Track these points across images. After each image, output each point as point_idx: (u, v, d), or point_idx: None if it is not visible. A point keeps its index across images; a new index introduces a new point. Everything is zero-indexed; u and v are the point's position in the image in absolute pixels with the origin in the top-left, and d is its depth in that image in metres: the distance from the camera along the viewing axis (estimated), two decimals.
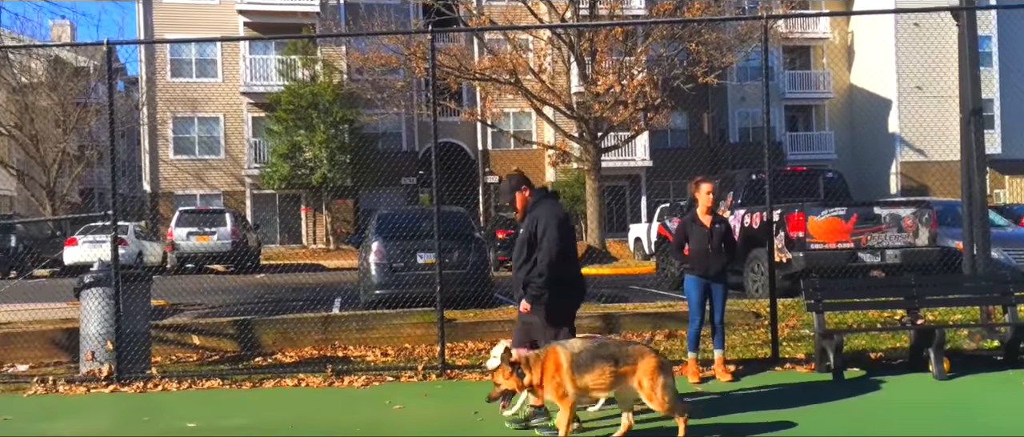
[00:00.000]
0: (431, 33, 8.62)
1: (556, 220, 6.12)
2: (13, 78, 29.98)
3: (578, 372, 5.54)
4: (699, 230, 7.83)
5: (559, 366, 5.55)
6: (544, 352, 5.69)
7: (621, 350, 5.69)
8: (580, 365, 5.55)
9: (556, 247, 6.02)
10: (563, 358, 5.56)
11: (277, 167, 31.83)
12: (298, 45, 31.97)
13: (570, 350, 5.62)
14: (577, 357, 5.58)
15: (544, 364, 5.61)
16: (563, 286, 6.14)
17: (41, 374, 8.77)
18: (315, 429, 6.63)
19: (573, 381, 5.54)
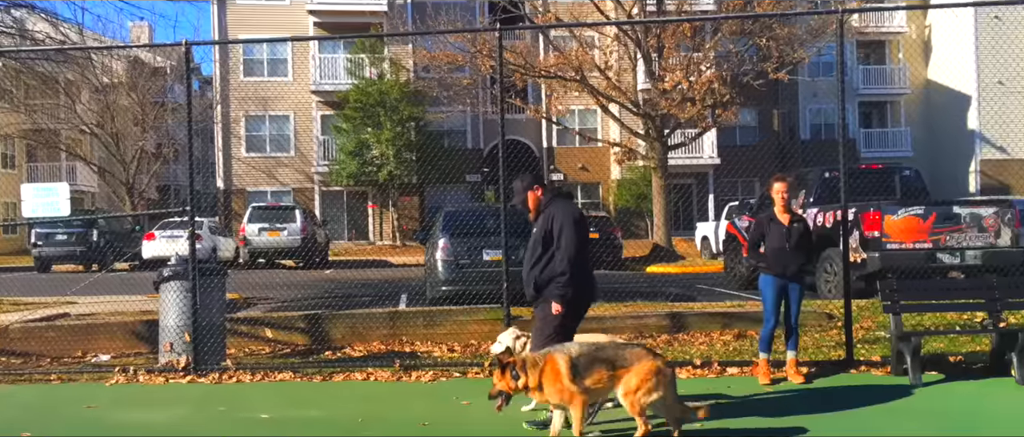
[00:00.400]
0: (499, 31, 8.65)
1: (572, 219, 6.11)
2: (96, 78, 31.07)
3: (577, 376, 5.51)
4: (776, 229, 7.66)
5: (558, 373, 5.51)
6: (542, 358, 5.62)
7: (619, 353, 5.63)
8: (579, 368, 5.52)
9: (574, 246, 6.02)
10: (561, 364, 5.51)
11: (345, 164, 32.34)
12: (366, 44, 32.43)
13: (568, 355, 5.57)
14: (575, 361, 5.54)
15: (542, 370, 5.57)
16: (577, 285, 6.08)
17: (122, 364, 9.08)
18: (385, 423, 6.71)
19: (571, 384, 5.51)
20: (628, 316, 10.49)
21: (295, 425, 6.74)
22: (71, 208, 9.50)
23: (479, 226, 12.08)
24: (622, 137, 29.94)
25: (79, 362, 9.59)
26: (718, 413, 6.66)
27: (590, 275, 6.33)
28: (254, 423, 6.77)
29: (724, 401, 7.06)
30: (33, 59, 16.64)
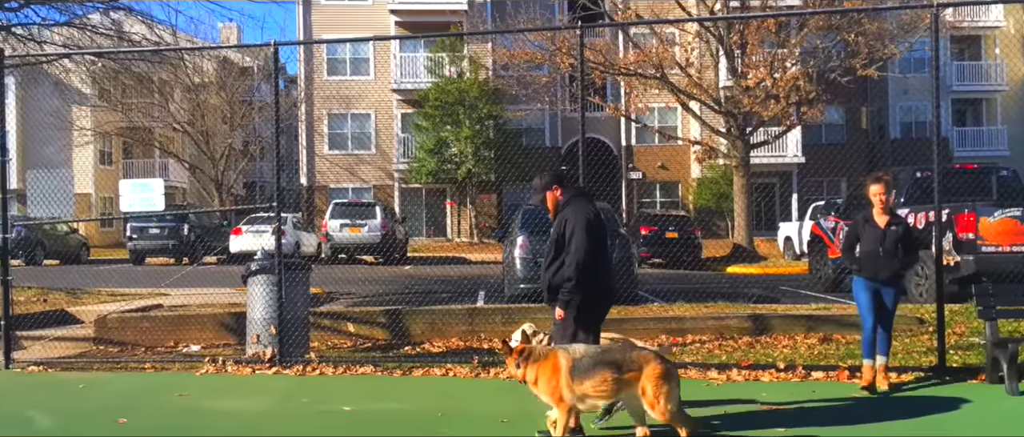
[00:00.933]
0: (580, 29, 8.61)
1: (584, 221, 5.86)
2: (188, 78, 32.20)
3: (577, 378, 5.37)
4: (872, 230, 7.37)
5: (557, 370, 5.42)
6: (547, 353, 5.56)
7: (626, 356, 5.45)
8: (580, 371, 5.38)
9: (583, 251, 5.79)
10: (562, 362, 5.41)
11: (424, 162, 32.74)
12: (446, 43, 32.75)
13: (572, 355, 5.45)
14: (578, 362, 5.41)
15: (541, 365, 5.50)
16: (592, 289, 5.90)
17: (212, 355, 9.39)
18: (463, 418, 6.77)
19: (570, 387, 5.39)
20: (709, 317, 10.33)
21: (376, 418, 6.85)
22: (164, 203, 9.87)
23: None
24: (703, 135, 29.49)
25: (171, 352, 9.97)
26: (804, 419, 6.51)
27: (605, 278, 6.09)
28: (336, 415, 6.91)
29: (811, 405, 6.90)
30: (130, 60, 17.35)
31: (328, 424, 6.66)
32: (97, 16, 16.71)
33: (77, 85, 23.24)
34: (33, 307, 11.82)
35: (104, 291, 14.35)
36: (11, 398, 7.84)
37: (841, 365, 8.11)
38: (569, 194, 6.12)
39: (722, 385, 7.74)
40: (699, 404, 6.96)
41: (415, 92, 33.22)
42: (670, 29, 27.01)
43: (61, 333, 10.68)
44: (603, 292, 6.07)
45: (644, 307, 11.58)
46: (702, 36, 26.21)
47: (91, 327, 10.75)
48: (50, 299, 12.83)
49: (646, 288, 14.58)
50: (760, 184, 32.21)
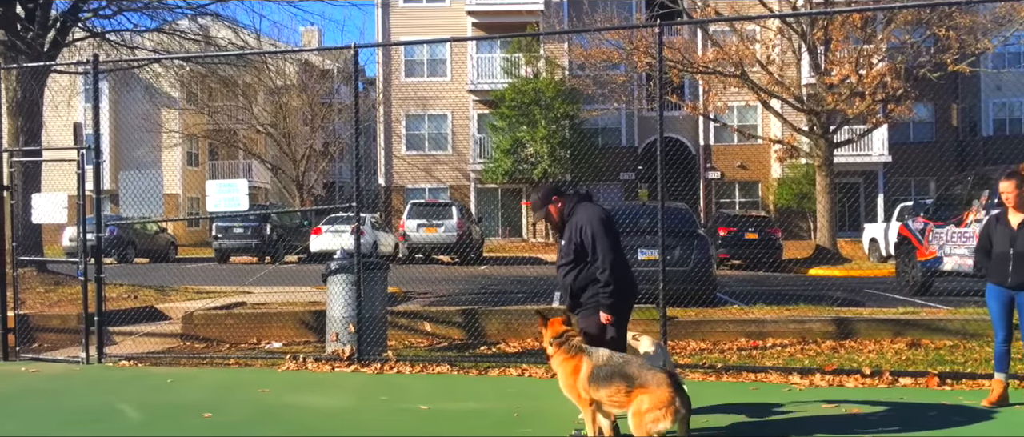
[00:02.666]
0: (659, 27, 8.47)
1: (601, 223, 5.85)
2: (270, 81, 33.04)
3: (593, 384, 5.35)
4: (1003, 231, 6.74)
5: (576, 372, 5.45)
6: (575, 352, 5.53)
7: (641, 373, 5.28)
8: (597, 378, 5.35)
9: (611, 250, 5.79)
10: (584, 367, 5.42)
11: (500, 162, 32.83)
12: (522, 43, 32.79)
13: (594, 362, 5.41)
14: (597, 370, 5.37)
15: (566, 360, 5.53)
16: (619, 290, 5.84)
17: (293, 352, 9.58)
18: (540, 419, 6.73)
19: (586, 390, 5.39)
20: (790, 320, 10.06)
21: (452, 418, 6.87)
22: (248, 203, 10.11)
23: (634, 225, 11.91)
24: (784, 134, 28.78)
25: (254, 348, 10.21)
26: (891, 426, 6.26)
27: (629, 275, 6.04)
28: (414, 414, 6.96)
29: (898, 412, 6.63)
30: (217, 63, 17.88)
31: (405, 422, 6.71)
32: (185, 22, 17.28)
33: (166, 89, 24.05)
34: (124, 303, 12.27)
35: (191, 288, 14.80)
36: (103, 391, 8.13)
37: (930, 371, 7.79)
38: (572, 202, 6.13)
39: (804, 390, 7.51)
40: (780, 409, 6.78)
41: (491, 93, 33.35)
42: (751, 26, 26.43)
43: (150, 329, 11.07)
44: (628, 288, 6.03)
45: (723, 309, 11.36)
46: (784, 32, 25.57)
47: (178, 323, 11.10)
48: (140, 296, 13.30)
49: (725, 290, 14.30)
50: (844, 184, 31.29)
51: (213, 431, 6.51)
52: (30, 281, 12.81)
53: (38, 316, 11.06)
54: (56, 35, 14.48)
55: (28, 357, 9.93)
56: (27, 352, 10.08)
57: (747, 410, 6.83)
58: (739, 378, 8.06)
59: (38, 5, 14.14)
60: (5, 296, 9.98)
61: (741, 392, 7.50)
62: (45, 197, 10.39)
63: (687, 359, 8.87)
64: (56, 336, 10.71)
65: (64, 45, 14.84)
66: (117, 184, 10.45)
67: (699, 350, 9.39)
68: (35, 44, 13.83)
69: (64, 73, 15.96)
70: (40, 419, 6.99)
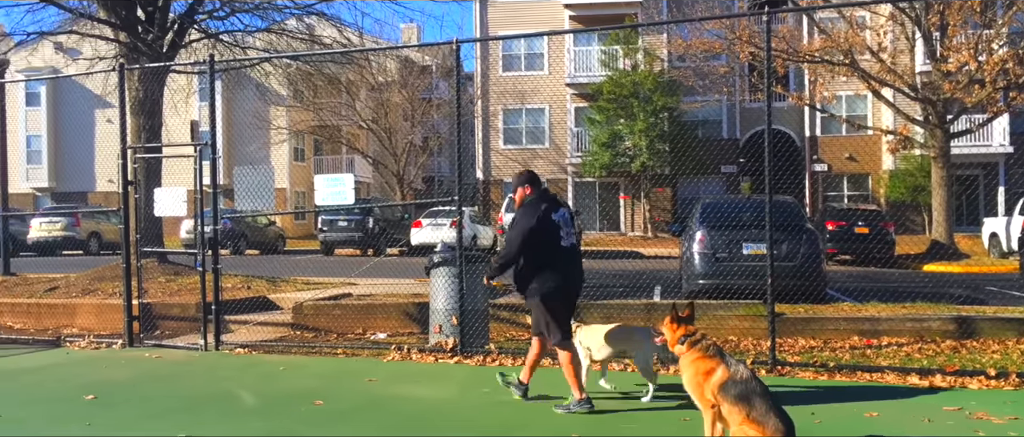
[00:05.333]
0: (767, 14, 8.23)
1: (515, 225, 6.74)
2: (372, 77, 33.75)
3: (722, 393, 5.14)
4: None
5: (709, 374, 5.25)
6: (711, 354, 5.33)
7: (767, 413, 5.02)
8: (727, 390, 5.13)
9: (515, 243, 6.67)
10: (719, 372, 5.21)
11: (598, 155, 32.63)
12: (620, 35, 32.49)
13: (731, 374, 5.18)
14: (731, 384, 5.14)
15: (698, 360, 5.34)
16: (549, 281, 6.66)
17: (397, 343, 9.78)
18: (645, 415, 6.65)
19: (714, 396, 5.18)
20: (907, 318, 9.64)
21: (552, 413, 6.85)
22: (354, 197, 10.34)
23: (739, 218, 11.65)
24: (896, 124, 27.61)
25: (360, 338, 10.46)
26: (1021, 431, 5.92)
27: (561, 273, 6.73)
28: (516, 406, 6.98)
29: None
30: (322, 61, 18.35)
31: (508, 415, 6.74)
32: (293, 21, 17.81)
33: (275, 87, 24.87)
34: (238, 293, 12.75)
35: (299, 280, 15.26)
36: (221, 378, 8.48)
37: None
38: (533, 196, 6.85)
39: (924, 391, 7.18)
40: (897, 410, 6.51)
41: (589, 86, 33.20)
42: (860, 12, 25.43)
43: (263, 318, 11.47)
44: (561, 283, 6.74)
45: (834, 306, 10.98)
46: (896, 18, 24.49)
47: (289, 313, 11.47)
48: (253, 286, 13.79)
49: (834, 286, 13.83)
50: (962, 176, 29.76)
51: (324, 419, 6.69)
52: (152, 271, 13.44)
53: (159, 305, 11.61)
54: (174, 37, 15.13)
55: (151, 343, 10.45)
56: (150, 339, 10.61)
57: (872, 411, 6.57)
58: (853, 378, 7.77)
59: (157, 8, 14.81)
60: (130, 285, 10.51)
61: (856, 393, 7.23)
62: (166, 191, 10.89)
63: (796, 357, 8.62)
64: (176, 324, 11.22)
65: (181, 46, 15.50)
66: (231, 179, 10.87)
67: (809, 348, 9.11)
68: (155, 46, 14.48)
69: (182, 73, 16.68)
70: (164, 403, 7.33)
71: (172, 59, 15.02)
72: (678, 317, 5.63)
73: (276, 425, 6.54)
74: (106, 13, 14.58)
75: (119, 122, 10.88)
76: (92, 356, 9.95)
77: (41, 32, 16.28)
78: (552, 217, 6.74)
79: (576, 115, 35.35)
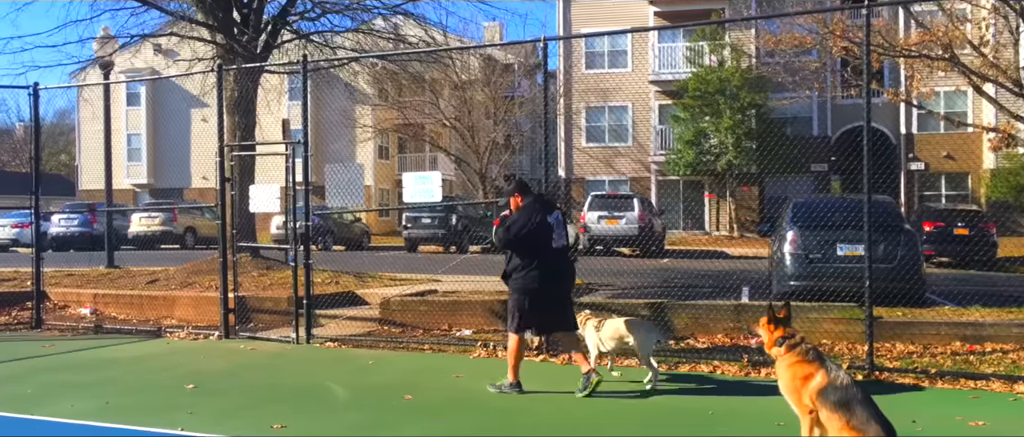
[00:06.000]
0: (866, 8, 7.95)
1: (508, 223, 7.31)
2: (456, 76, 34.07)
3: (821, 398, 4.94)
4: None
5: (808, 379, 5.03)
6: (811, 358, 5.12)
7: (868, 421, 4.85)
8: (827, 396, 4.93)
9: (510, 232, 7.24)
10: (818, 377, 5.00)
11: (682, 154, 32.19)
12: (706, 31, 31.95)
13: (831, 379, 4.97)
14: (831, 389, 4.93)
15: (796, 364, 5.12)
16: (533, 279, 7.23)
17: (483, 339, 9.85)
18: (736, 417, 6.53)
19: (812, 402, 4.99)
20: (1013, 324, 9.19)
21: (643, 412, 6.80)
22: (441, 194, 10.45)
23: (833, 219, 11.30)
24: (999, 121, 26.37)
25: (445, 335, 10.56)
26: None
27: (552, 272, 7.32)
28: (605, 406, 6.94)
29: None
30: (408, 60, 18.62)
31: (595, 414, 6.70)
32: (379, 21, 18.11)
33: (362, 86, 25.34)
34: (327, 288, 13.03)
35: (385, 276, 15.52)
36: (313, 370, 8.68)
37: None
38: (528, 200, 7.44)
39: None
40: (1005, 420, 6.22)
41: (673, 83, 32.77)
42: (961, 4, 24.38)
43: (351, 313, 11.70)
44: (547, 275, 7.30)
45: (933, 310, 10.56)
46: (999, 11, 23.38)
47: (376, 308, 11.67)
48: (341, 282, 14.08)
49: (933, 289, 13.29)
50: None
51: (416, 413, 6.78)
52: (246, 266, 13.86)
53: (253, 298, 11.96)
54: (267, 38, 15.58)
55: (245, 335, 10.79)
56: (244, 331, 10.95)
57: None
58: (955, 385, 7.47)
59: (252, 11, 15.27)
60: (227, 279, 10.86)
61: (959, 401, 6.93)
62: (261, 188, 11.22)
63: (895, 362, 8.32)
64: (269, 317, 11.54)
65: (274, 47, 15.94)
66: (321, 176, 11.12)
67: (907, 353, 8.78)
68: (249, 47, 14.93)
69: (275, 73, 17.14)
70: (261, 393, 7.55)
71: (265, 59, 15.46)
72: (775, 318, 5.46)
73: (369, 418, 6.66)
74: (204, 16, 15.10)
75: (217, 121, 11.26)
76: (191, 346, 10.32)
77: (143, 34, 16.98)
78: (547, 219, 7.34)
79: (660, 112, 34.94)
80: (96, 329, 11.70)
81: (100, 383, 8.06)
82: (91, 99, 21.74)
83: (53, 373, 8.58)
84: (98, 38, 16.63)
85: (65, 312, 13.03)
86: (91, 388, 7.81)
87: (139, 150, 47.92)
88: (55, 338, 11.07)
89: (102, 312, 12.86)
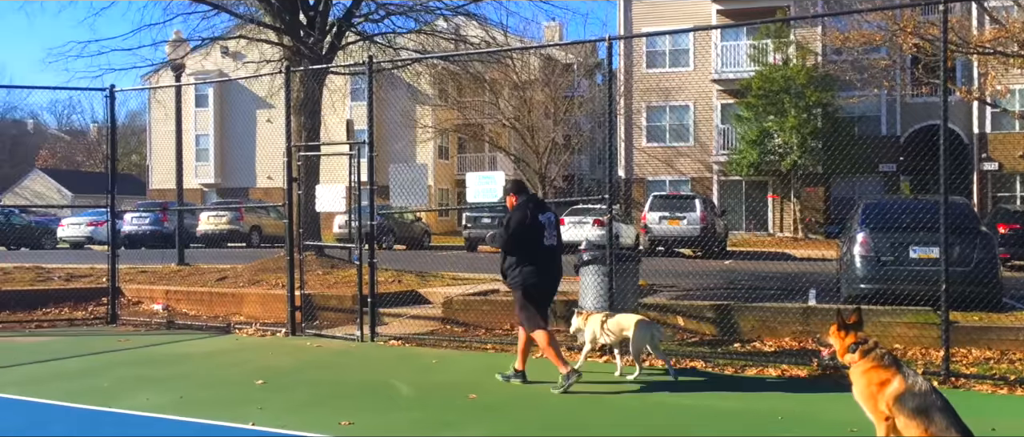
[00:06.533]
0: (944, 2, 7.72)
1: (513, 223, 7.61)
2: (516, 76, 34.11)
3: (896, 404, 4.78)
4: None
5: (884, 385, 4.88)
6: (888, 364, 4.96)
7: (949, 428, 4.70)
8: (905, 403, 4.77)
9: (506, 237, 7.63)
10: (895, 383, 4.84)
11: (745, 153, 31.67)
12: (771, 29, 31.40)
13: (909, 385, 4.82)
14: (909, 395, 4.78)
15: (871, 370, 4.96)
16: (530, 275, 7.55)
17: None
18: (806, 423, 6.40)
19: (889, 408, 4.84)
20: None
21: (711, 415, 6.71)
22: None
23: (905, 220, 10.98)
24: None
25: (508, 334, 10.56)
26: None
27: (541, 267, 7.60)
28: (670, 407, 6.88)
29: None
30: (469, 61, 18.71)
31: (663, 417, 6.64)
32: (441, 22, 18.25)
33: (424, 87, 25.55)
34: (390, 287, 13.17)
35: (447, 275, 15.61)
36: (378, 368, 8.79)
37: None
38: (522, 200, 7.80)
39: None
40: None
41: (737, 82, 32.28)
42: None
43: (415, 312, 11.80)
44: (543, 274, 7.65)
45: (1011, 315, 10.18)
46: None
47: (439, 308, 11.75)
48: (403, 281, 14.21)
49: (1012, 294, 12.84)
50: None
51: (480, 411, 6.81)
52: (311, 264, 14.09)
53: (318, 296, 12.15)
54: (332, 39, 15.82)
55: (311, 332, 10.97)
56: (310, 328, 11.13)
57: None
58: None
59: (318, 13, 15.52)
60: (293, 277, 11.06)
61: None
62: (327, 188, 11.39)
63: (971, 368, 8.07)
64: (334, 315, 11.71)
65: (339, 48, 16.18)
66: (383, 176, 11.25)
67: (984, 359, 8.51)
68: (315, 49, 15.19)
69: (341, 74, 17.40)
70: (328, 389, 7.67)
71: (330, 61, 15.69)
72: (846, 324, 5.33)
73: (434, 416, 6.70)
74: (271, 18, 15.40)
75: (284, 122, 11.48)
76: (259, 343, 10.54)
77: (213, 37, 17.40)
78: (539, 218, 7.65)
79: (722, 112, 34.46)
80: (168, 325, 12.02)
81: (174, 378, 8.28)
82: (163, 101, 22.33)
83: (129, 367, 8.84)
84: (170, 41, 17.10)
85: (139, 308, 13.42)
86: (165, 382, 8.03)
87: (207, 150, 49.14)
88: (130, 333, 11.42)
89: (174, 308, 13.22)
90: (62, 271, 16.09)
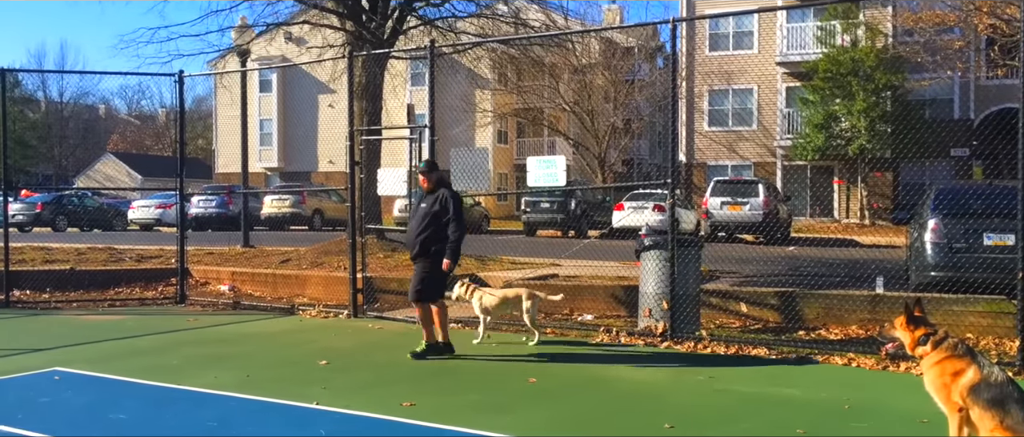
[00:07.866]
0: None
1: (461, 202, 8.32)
2: (575, 59, 33.87)
3: (970, 395, 4.64)
4: None
5: (959, 375, 4.73)
6: (961, 353, 4.81)
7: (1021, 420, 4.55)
8: (980, 393, 4.62)
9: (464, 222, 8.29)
10: (970, 373, 4.70)
11: (811, 138, 30.94)
12: (839, 10, 30.55)
13: (984, 376, 4.66)
14: (985, 386, 4.62)
15: (944, 361, 4.82)
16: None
17: (605, 325, 9.79)
18: (874, 414, 6.25)
19: (963, 399, 4.69)
20: None
21: (777, 403, 6.59)
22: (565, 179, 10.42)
23: (979, 206, 10.61)
24: None
25: (567, 319, 10.55)
26: None
27: None
28: (736, 395, 6.78)
29: None
30: (529, 44, 18.63)
31: (728, 404, 6.55)
32: (501, 6, 18.19)
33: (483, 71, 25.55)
34: None
35: (506, 259, 15.62)
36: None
37: None
38: (436, 178, 8.44)
39: None
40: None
41: (802, 64, 31.52)
42: None
43: None
44: None
45: None
46: None
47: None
48: (463, 264, 14.25)
49: None
50: None
51: (539, 394, 6.81)
52: (372, 247, 14.22)
53: (379, 279, 12.28)
54: (394, 24, 15.90)
55: (372, 314, 11.10)
56: (372, 310, 11.27)
57: None
58: None
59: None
60: (355, 260, 11.20)
61: None
62: (389, 172, 11.49)
63: None
64: (394, 298, 11.82)
65: (400, 33, 16.26)
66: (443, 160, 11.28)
67: None
68: (377, 33, 15.29)
69: (403, 58, 17.50)
70: (389, 371, 7.78)
71: (392, 46, 15.78)
72: (913, 317, 5.17)
73: (494, 399, 6.73)
74: (334, 3, 15.55)
75: (347, 107, 11.60)
76: (322, 324, 10.71)
77: (278, 23, 17.64)
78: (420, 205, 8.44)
79: (787, 95, 33.73)
80: (234, 305, 12.30)
81: (240, 356, 8.47)
82: (228, 86, 22.78)
83: (197, 346, 9.07)
84: (236, 27, 17.40)
85: (206, 288, 13.76)
86: (232, 361, 8.22)
87: (270, 134, 50.04)
88: (197, 313, 11.71)
89: (239, 289, 13.52)
90: (133, 252, 16.59)
